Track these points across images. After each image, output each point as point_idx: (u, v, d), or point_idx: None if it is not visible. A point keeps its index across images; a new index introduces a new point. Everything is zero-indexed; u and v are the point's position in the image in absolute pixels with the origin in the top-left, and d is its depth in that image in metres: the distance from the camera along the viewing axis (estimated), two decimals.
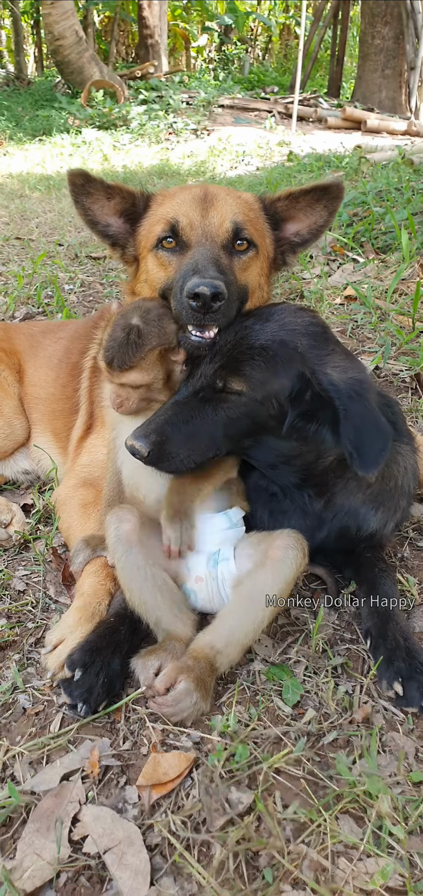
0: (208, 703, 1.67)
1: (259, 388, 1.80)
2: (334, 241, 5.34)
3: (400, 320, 4.03)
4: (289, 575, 1.77)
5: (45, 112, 17.84)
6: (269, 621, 1.77)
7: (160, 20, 21.02)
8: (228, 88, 20.89)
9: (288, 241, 2.26)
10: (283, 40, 36.31)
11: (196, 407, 1.85)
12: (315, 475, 1.94)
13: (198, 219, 2.01)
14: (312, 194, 2.18)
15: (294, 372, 1.79)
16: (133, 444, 1.80)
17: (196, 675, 1.65)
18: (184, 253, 1.99)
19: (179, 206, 2.06)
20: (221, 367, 1.82)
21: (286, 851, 1.35)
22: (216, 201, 2.06)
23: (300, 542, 1.82)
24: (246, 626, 1.74)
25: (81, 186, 2.16)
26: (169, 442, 1.81)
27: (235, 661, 1.75)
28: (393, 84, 18.43)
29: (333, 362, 1.79)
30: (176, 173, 10.99)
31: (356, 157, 9.26)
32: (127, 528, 1.84)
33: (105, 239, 2.25)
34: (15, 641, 1.93)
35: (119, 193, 2.17)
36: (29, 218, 8.00)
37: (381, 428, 1.73)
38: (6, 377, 2.82)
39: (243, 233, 2.02)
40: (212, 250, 1.92)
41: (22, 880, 1.30)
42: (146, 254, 2.13)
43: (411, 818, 1.42)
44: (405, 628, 1.86)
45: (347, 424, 1.70)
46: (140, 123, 16.12)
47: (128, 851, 1.35)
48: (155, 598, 1.79)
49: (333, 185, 2.17)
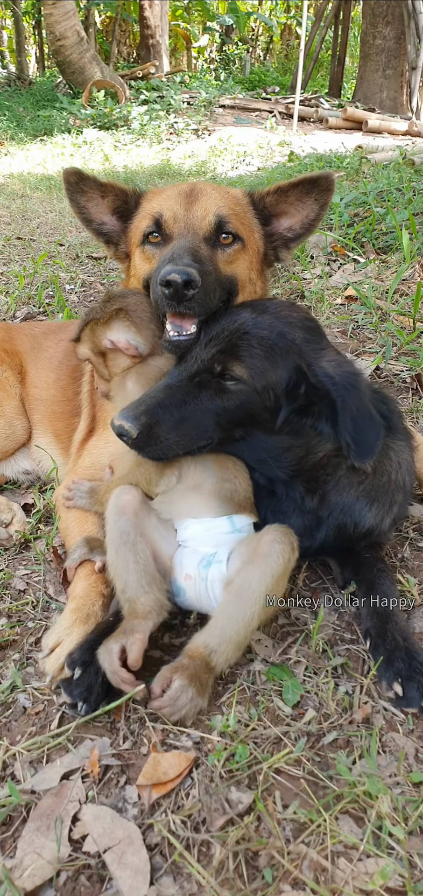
0: (206, 699, 1.66)
1: (259, 377, 1.79)
2: (334, 242, 5.34)
3: (401, 321, 4.03)
4: (276, 569, 1.73)
5: (47, 112, 17.86)
6: (261, 618, 1.73)
7: (161, 20, 21.05)
8: (229, 88, 20.91)
9: (281, 236, 2.26)
10: (284, 40, 36.32)
11: (191, 391, 1.83)
12: (305, 471, 1.95)
13: (181, 212, 2.03)
14: (301, 187, 2.18)
15: (292, 364, 1.80)
16: (122, 425, 1.77)
17: (191, 672, 1.65)
18: (167, 246, 2.01)
19: (165, 201, 2.09)
20: (219, 353, 1.81)
21: (286, 851, 1.35)
22: (201, 196, 2.08)
23: (287, 537, 1.79)
24: (237, 624, 1.72)
25: (76, 185, 2.19)
26: (159, 425, 1.78)
27: (231, 659, 1.73)
28: (394, 84, 18.44)
29: (327, 356, 1.82)
30: (177, 173, 10.99)
31: (357, 157, 9.26)
32: (126, 499, 1.87)
33: (100, 237, 2.28)
34: (15, 641, 1.94)
35: (112, 191, 2.20)
36: (30, 218, 8.00)
37: (374, 419, 1.77)
38: (8, 378, 2.83)
39: (226, 226, 2.03)
40: (191, 241, 1.94)
41: (22, 879, 1.30)
42: (135, 249, 2.16)
43: (411, 819, 1.42)
44: (404, 629, 1.86)
45: (344, 416, 1.73)
46: (141, 124, 16.13)
47: (128, 851, 1.35)
48: (128, 563, 1.77)
49: (322, 178, 2.17)
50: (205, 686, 1.67)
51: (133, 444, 1.79)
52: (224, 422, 1.85)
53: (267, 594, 1.71)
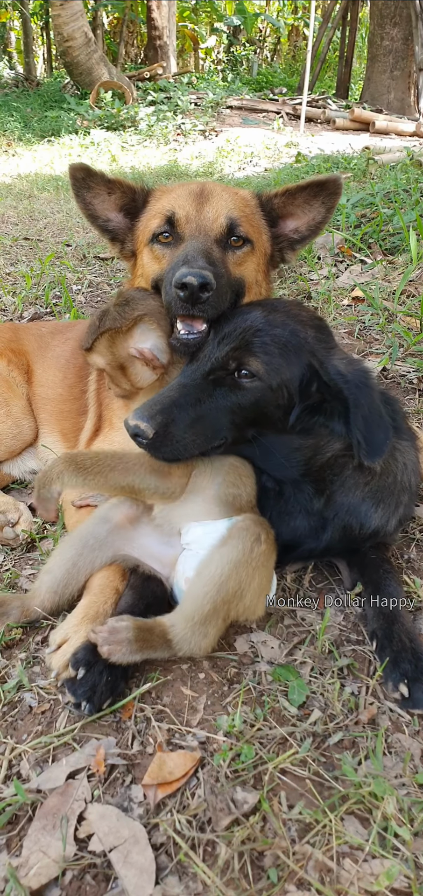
0: (139, 657, 1.70)
1: (274, 374, 1.79)
2: (341, 242, 5.33)
3: (408, 322, 4.02)
4: (236, 556, 1.70)
5: (54, 113, 17.89)
6: (214, 602, 1.68)
7: (169, 21, 21.06)
8: (236, 89, 20.89)
9: (287, 237, 2.26)
10: (291, 41, 36.30)
11: (206, 389, 1.81)
12: (314, 471, 1.94)
13: (193, 213, 2.03)
14: (309, 190, 2.18)
15: (304, 361, 1.80)
16: (137, 424, 1.73)
17: (144, 627, 1.70)
18: (177, 246, 2.01)
19: (176, 200, 2.08)
20: (233, 350, 1.80)
21: (291, 852, 1.35)
22: (212, 197, 2.07)
23: (256, 527, 1.76)
24: (191, 601, 1.72)
25: (82, 180, 2.17)
26: (174, 424, 1.76)
27: (191, 640, 1.71)
28: (402, 85, 18.39)
29: (338, 355, 1.82)
30: (184, 174, 11.00)
31: (365, 158, 9.23)
32: (122, 511, 1.99)
33: (105, 234, 2.27)
34: (22, 640, 1.94)
35: (119, 188, 2.19)
36: (37, 218, 8.03)
37: (384, 418, 1.77)
38: (15, 377, 2.84)
39: (237, 229, 2.02)
40: (204, 243, 1.93)
41: (28, 878, 1.30)
42: (143, 248, 2.15)
43: (416, 820, 1.42)
44: (411, 630, 1.86)
45: (356, 413, 1.73)
46: (148, 124, 16.14)
47: (133, 850, 1.35)
48: (65, 561, 1.93)
49: (330, 181, 2.17)
50: (149, 646, 1.70)
51: (148, 445, 1.76)
52: (239, 420, 1.84)
53: (224, 578, 1.69)
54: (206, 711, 1.70)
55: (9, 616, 1.92)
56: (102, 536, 1.96)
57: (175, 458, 1.82)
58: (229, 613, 1.76)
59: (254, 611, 1.81)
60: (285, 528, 2.02)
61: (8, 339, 2.98)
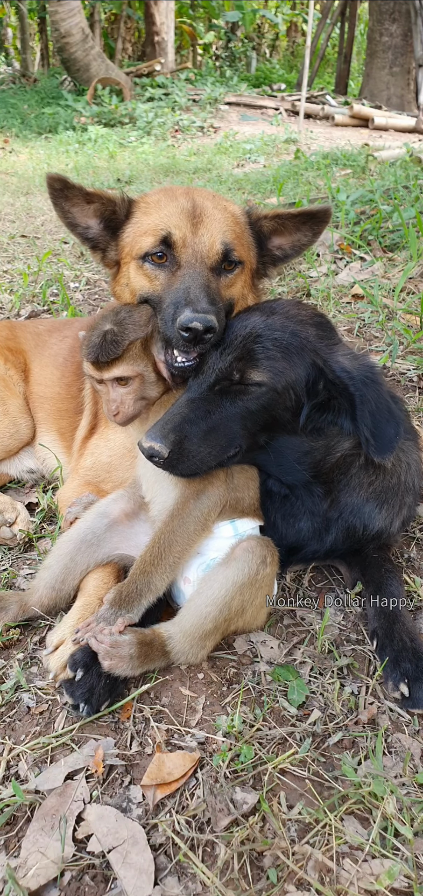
0: (139, 671, 1.71)
1: (279, 378, 1.78)
2: (341, 240, 5.32)
3: (408, 319, 4.01)
4: (240, 577, 1.72)
5: (51, 109, 17.85)
6: (216, 621, 1.71)
7: (167, 17, 20.99)
8: (234, 86, 20.86)
9: (270, 253, 2.25)
10: (290, 37, 36.26)
11: (214, 401, 1.80)
12: (324, 472, 1.93)
13: (189, 237, 1.98)
14: (299, 218, 2.18)
15: (308, 361, 1.78)
16: (152, 446, 1.71)
17: (145, 639, 1.71)
18: (173, 271, 1.96)
19: (169, 219, 2.02)
20: (236, 360, 1.79)
21: (291, 852, 1.35)
22: (205, 217, 2.02)
23: (262, 549, 1.77)
24: (191, 618, 1.73)
25: (60, 191, 2.12)
26: (188, 440, 1.74)
27: (188, 653, 1.74)
28: (401, 81, 18.39)
29: (341, 351, 1.81)
30: (182, 171, 10.97)
31: (364, 154, 9.23)
32: (120, 506, 2.01)
33: (85, 241, 2.20)
34: (19, 640, 1.93)
35: (99, 200, 2.12)
36: (34, 216, 8.00)
37: (393, 413, 1.75)
38: (12, 376, 2.82)
39: (232, 254, 2.01)
40: (203, 275, 1.90)
41: (26, 878, 1.30)
42: (130, 261, 2.09)
43: (417, 819, 1.42)
44: (411, 629, 1.86)
45: (363, 410, 1.71)
46: (146, 121, 16.10)
47: (132, 851, 1.35)
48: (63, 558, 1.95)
49: (320, 212, 2.18)
50: (148, 660, 1.72)
51: (165, 465, 1.74)
52: (250, 425, 1.83)
53: (228, 600, 1.71)
54: (205, 712, 1.69)
55: (7, 613, 1.92)
56: (100, 532, 1.97)
57: (194, 473, 1.80)
58: (229, 628, 1.80)
59: (254, 623, 1.86)
60: (290, 530, 2.01)
61: (5, 337, 2.96)
